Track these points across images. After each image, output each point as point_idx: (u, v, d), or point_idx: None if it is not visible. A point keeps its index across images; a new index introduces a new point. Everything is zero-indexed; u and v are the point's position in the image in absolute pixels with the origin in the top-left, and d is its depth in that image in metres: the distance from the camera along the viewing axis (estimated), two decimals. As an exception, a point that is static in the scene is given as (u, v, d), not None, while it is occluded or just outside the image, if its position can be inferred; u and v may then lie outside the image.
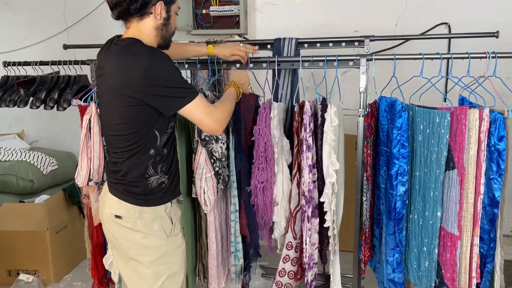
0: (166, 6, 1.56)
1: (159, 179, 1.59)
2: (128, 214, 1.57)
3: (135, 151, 1.54)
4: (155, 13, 1.53)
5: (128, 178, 1.57)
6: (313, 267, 1.88)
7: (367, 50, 2.22)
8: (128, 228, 1.58)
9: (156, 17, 1.54)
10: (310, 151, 1.80)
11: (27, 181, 3.13)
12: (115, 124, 1.54)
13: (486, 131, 1.57)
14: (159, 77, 1.44)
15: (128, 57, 1.47)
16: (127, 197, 1.58)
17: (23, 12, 3.84)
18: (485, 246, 1.66)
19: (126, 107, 1.48)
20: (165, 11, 1.56)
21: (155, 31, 1.57)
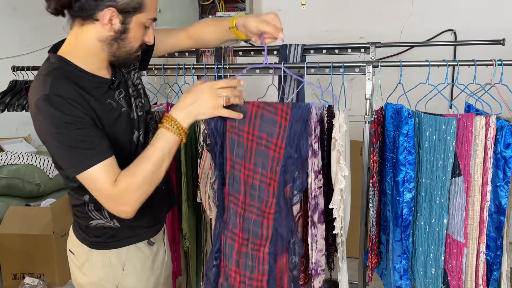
0: (122, 16, 1.15)
1: (104, 224, 1.27)
2: (78, 251, 1.33)
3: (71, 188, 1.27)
4: (102, 21, 1.14)
5: (74, 211, 1.32)
6: (320, 274, 1.87)
7: (373, 57, 2.23)
8: (78, 267, 1.34)
9: (104, 27, 1.15)
10: (316, 157, 1.80)
11: (33, 184, 3.15)
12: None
13: (493, 138, 1.57)
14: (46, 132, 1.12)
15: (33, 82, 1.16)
16: (77, 232, 1.33)
17: (30, 16, 3.88)
18: (491, 253, 1.65)
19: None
20: (118, 21, 1.15)
21: (100, 43, 1.18)
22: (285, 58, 2.29)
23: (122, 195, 1.12)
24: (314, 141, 1.80)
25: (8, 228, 2.80)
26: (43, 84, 1.11)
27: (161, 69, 2.06)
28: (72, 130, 1.09)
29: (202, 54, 2.47)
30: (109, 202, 1.14)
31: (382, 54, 3.04)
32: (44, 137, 1.13)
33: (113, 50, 1.20)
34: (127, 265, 1.32)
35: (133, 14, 1.16)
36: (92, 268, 1.31)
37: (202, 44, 1.58)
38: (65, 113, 1.08)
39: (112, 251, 1.30)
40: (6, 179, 3.18)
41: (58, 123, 1.08)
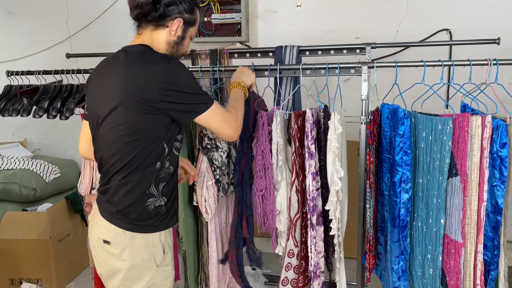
0: (184, 26, 1.52)
1: (156, 201, 1.47)
2: (117, 239, 1.45)
3: (137, 166, 1.43)
4: (171, 27, 1.49)
5: (122, 199, 1.45)
6: (319, 276, 1.87)
7: (368, 58, 2.23)
8: (115, 255, 1.46)
9: (171, 33, 1.50)
10: (313, 159, 1.80)
11: (30, 189, 3.14)
12: (120, 136, 1.42)
13: (489, 138, 1.57)
14: (177, 83, 1.40)
15: (143, 63, 1.42)
16: (118, 221, 1.45)
17: (26, 21, 3.86)
18: (489, 253, 1.65)
19: (137, 115, 1.39)
20: (181, 30, 1.52)
21: (166, 45, 1.52)
22: (280, 60, 2.28)
23: (237, 123, 1.55)
24: (310, 142, 1.80)
25: (4, 233, 2.79)
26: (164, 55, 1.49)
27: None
28: (189, 74, 1.46)
29: (197, 57, 2.47)
30: (231, 128, 1.52)
31: (377, 55, 3.04)
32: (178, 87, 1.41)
33: (172, 51, 1.54)
34: (166, 245, 1.53)
35: (190, 26, 1.54)
36: (135, 251, 1.46)
37: None
38: (179, 64, 1.47)
39: (155, 234, 1.49)
40: (3, 184, 3.16)
41: (180, 69, 1.44)
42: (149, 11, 1.46)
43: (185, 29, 1.53)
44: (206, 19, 3.43)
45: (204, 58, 2.45)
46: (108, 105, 1.43)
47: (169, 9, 1.47)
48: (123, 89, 1.40)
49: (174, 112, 1.42)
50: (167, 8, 1.47)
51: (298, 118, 1.85)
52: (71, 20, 3.72)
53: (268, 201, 1.93)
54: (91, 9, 3.66)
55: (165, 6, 1.46)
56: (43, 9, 3.81)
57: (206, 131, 1.86)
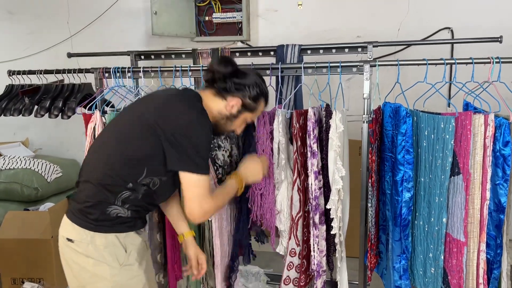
0: (242, 108, 1.57)
1: (119, 211, 1.47)
2: (79, 237, 1.47)
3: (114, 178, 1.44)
4: (228, 102, 1.55)
5: (85, 199, 1.47)
6: (322, 275, 1.87)
7: (370, 56, 2.23)
8: (79, 252, 1.47)
9: (226, 107, 1.56)
10: (315, 158, 1.80)
11: (32, 188, 3.14)
12: (116, 145, 1.47)
13: (491, 136, 1.57)
14: (192, 134, 1.41)
15: (183, 101, 1.48)
16: (79, 220, 1.47)
17: (26, 20, 3.87)
18: (491, 252, 1.65)
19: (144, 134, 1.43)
20: (237, 110, 1.57)
21: (217, 113, 1.56)
22: (282, 59, 2.28)
23: (208, 210, 1.46)
24: (312, 141, 1.79)
25: (6, 233, 2.79)
26: (205, 111, 1.49)
27: (158, 71, 2.06)
28: (208, 139, 1.47)
29: (199, 56, 2.47)
30: (199, 207, 1.44)
31: (379, 53, 3.04)
32: (198, 139, 1.42)
33: (219, 123, 1.59)
34: (128, 246, 1.50)
35: (247, 111, 1.59)
36: (97, 250, 1.46)
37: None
38: (208, 127, 1.46)
39: (113, 234, 1.47)
40: (4, 184, 3.16)
41: (204, 129, 1.44)
42: (219, 80, 1.54)
43: (241, 111, 1.58)
44: (208, 18, 3.44)
45: (206, 57, 2.45)
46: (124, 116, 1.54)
47: (235, 87, 1.55)
48: (149, 109, 1.47)
49: (169, 152, 1.42)
50: (234, 86, 1.54)
51: (299, 117, 1.84)
52: (72, 19, 3.73)
53: (266, 200, 1.93)
54: (92, 9, 3.66)
55: (234, 83, 1.54)
56: (44, 8, 3.81)
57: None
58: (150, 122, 1.42)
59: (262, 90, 1.61)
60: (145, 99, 1.60)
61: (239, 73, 1.56)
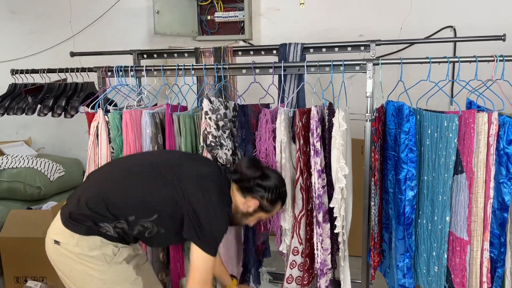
0: (258, 208, 1.65)
1: (108, 231, 1.53)
2: (66, 240, 1.52)
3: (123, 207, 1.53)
4: (246, 202, 1.64)
5: (82, 209, 1.52)
6: (326, 273, 1.87)
7: (373, 55, 2.22)
8: (66, 255, 1.53)
9: (244, 205, 1.64)
10: (318, 156, 1.79)
11: (35, 187, 3.15)
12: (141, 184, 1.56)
13: (495, 134, 1.56)
14: (213, 218, 1.51)
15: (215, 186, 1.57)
16: (70, 224, 1.53)
17: (29, 20, 3.87)
18: (495, 250, 1.64)
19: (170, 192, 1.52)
20: (253, 209, 1.65)
21: (235, 207, 1.64)
22: (284, 57, 2.28)
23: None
24: (316, 140, 1.79)
25: (10, 232, 2.79)
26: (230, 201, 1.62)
27: (160, 70, 2.06)
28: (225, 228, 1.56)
29: (201, 55, 2.46)
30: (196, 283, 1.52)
31: (381, 52, 3.02)
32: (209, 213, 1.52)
33: (236, 216, 1.66)
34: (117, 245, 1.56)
35: (262, 211, 1.67)
36: (82, 250, 1.51)
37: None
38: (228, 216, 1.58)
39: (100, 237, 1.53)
40: (7, 183, 3.17)
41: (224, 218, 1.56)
42: (244, 180, 1.63)
43: (257, 211, 1.67)
44: (210, 17, 3.43)
45: (208, 56, 2.45)
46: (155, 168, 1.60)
47: (256, 189, 1.63)
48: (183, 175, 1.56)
49: (188, 222, 1.52)
50: (256, 187, 1.63)
51: (302, 116, 1.84)
52: (74, 19, 3.73)
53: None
54: (94, 8, 3.66)
55: (256, 185, 1.63)
56: (46, 8, 3.81)
57: (210, 129, 1.86)
58: (180, 188, 1.52)
59: (281, 194, 1.69)
60: (186, 161, 1.65)
61: (263, 175, 1.64)
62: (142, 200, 1.53)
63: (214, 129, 1.86)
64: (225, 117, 1.91)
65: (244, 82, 2.52)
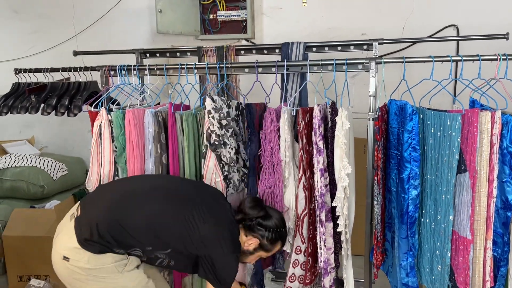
0: (258, 247, 1.70)
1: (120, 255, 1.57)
2: (77, 257, 1.53)
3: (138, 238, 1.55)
4: (247, 240, 1.68)
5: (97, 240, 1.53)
6: (330, 272, 1.87)
7: (375, 53, 2.22)
8: (76, 271, 1.54)
9: (244, 243, 1.68)
10: (321, 155, 1.80)
11: (38, 186, 3.16)
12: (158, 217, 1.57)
13: (498, 133, 1.56)
14: (225, 265, 1.57)
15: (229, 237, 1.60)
16: (82, 243, 1.53)
17: (32, 19, 3.88)
18: (498, 249, 1.64)
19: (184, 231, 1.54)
20: (253, 248, 1.70)
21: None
22: (287, 56, 2.28)
23: None
24: (318, 139, 1.79)
25: (13, 230, 2.80)
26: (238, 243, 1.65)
27: (163, 69, 2.06)
28: (235, 273, 1.60)
29: (204, 54, 2.47)
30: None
31: (384, 51, 3.02)
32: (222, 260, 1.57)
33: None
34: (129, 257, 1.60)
35: (262, 250, 1.72)
36: (94, 264, 1.52)
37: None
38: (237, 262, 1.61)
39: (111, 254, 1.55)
40: (11, 182, 3.18)
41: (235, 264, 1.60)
42: (245, 219, 1.68)
43: (257, 249, 1.71)
44: (212, 16, 3.43)
45: (211, 55, 2.45)
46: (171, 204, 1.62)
47: (257, 228, 1.67)
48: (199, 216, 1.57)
49: (203, 265, 1.57)
50: (256, 227, 1.67)
51: (305, 115, 1.84)
52: (77, 18, 3.73)
53: (277, 198, 1.93)
54: (97, 7, 3.67)
55: (257, 224, 1.67)
56: (49, 7, 3.82)
57: (213, 128, 1.86)
58: (197, 231, 1.54)
59: (281, 234, 1.72)
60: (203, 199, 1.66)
61: (265, 215, 1.69)
62: (157, 234, 1.55)
63: (218, 128, 1.86)
64: (228, 116, 1.91)
65: (247, 81, 2.52)
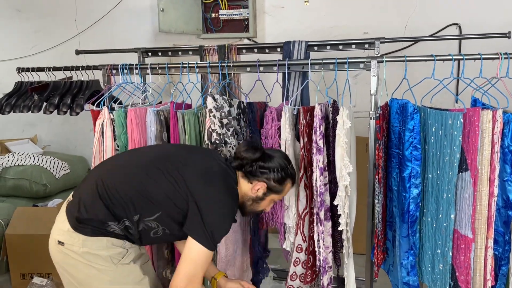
0: (267, 190, 1.60)
1: (115, 229, 1.49)
2: (71, 241, 1.47)
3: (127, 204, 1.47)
4: (254, 186, 1.59)
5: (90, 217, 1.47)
6: (328, 271, 1.87)
7: (377, 52, 2.22)
8: (71, 256, 1.49)
9: (252, 190, 1.60)
10: (320, 154, 1.80)
11: (40, 185, 3.17)
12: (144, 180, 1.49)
13: (500, 132, 1.56)
14: (217, 213, 1.47)
15: (222, 181, 1.52)
16: (75, 224, 1.47)
17: (34, 18, 3.89)
18: (499, 248, 1.64)
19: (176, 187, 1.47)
20: (262, 192, 1.60)
21: (244, 195, 1.61)
22: (289, 55, 2.28)
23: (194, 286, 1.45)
24: (318, 138, 1.79)
25: (16, 229, 2.82)
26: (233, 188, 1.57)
27: (165, 68, 2.06)
28: (229, 224, 1.51)
29: (205, 53, 2.47)
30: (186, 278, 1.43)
31: (386, 50, 3.02)
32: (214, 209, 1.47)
33: (244, 203, 1.63)
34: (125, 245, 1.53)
35: (273, 193, 1.62)
36: (88, 252, 1.47)
37: None
38: (234, 213, 1.54)
39: (106, 238, 1.49)
40: (13, 180, 3.20)
41: (230, 214, 1.52)
42: (246, 164, 1.58)
43: (267, 193, 1.62)
44: (214, 15, 3.44)
45: (212, 54, 2.45)
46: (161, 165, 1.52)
47: (260, 171, 1.58)
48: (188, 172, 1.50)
49: (191, 216, 1.46)
50: (259, 170, 1.58)
51: (306, 114, 1.84)
52: (79, 17, 3.74)
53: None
54: (99, 6, 3.68)
55: (259, 167, 1.58)
56: (51, 6, 3.83)
57: (214, 126, 1.86)
58: (184, 184, 1.47)
59: (288, 172, 1.63)
60: (190, 154, 1.59)
61: (265, 156, 1.60)
62: (143, 195, 1.48)
63: (219, 126, 1.86)
64: (229, 115, 1.91)
65: (248, 80, 2.53)
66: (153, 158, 1.57)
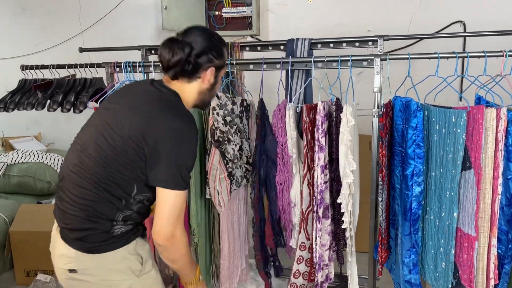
0: (216, 72, 1.51)
1: (122, 228, 1.40)
2: (83, 265, 1.38)
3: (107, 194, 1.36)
4: (204, 78, 1.48)
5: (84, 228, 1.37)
6: (323, 268, 1.87)
7: (381, 50, 2.21)
8: (87, 281, 1.39)
9: (204, 82, 1.49)
10: (322, 152, 1.80)
11: (44, 182, 3.19)
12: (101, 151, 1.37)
13: (504, 130, 1.55)
14: (175, 149, 1.34)
15: (165, 111, 1.40)
16: (80, 246, 1.38)
17: (38, 16, 3.91)
18: (503, 247, 1.63)
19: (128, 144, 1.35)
20: (213, 77, 1.50)
21: (197, 94, 1.50)
22: (292, 53, 2.28)
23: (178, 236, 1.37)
24: (321, 136, 1.79)
25: (20, 226, 2.83)
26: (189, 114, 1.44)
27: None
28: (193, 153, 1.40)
29: (209, 50, 2.47)
30: (169, 224, 1.34)
31: (390, 47, 3.01)
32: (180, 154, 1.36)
33: (204, 98, 1.53)
34: (142, 253, 1.46)
35: (220, 69, 1.54)
36: (106, 271, 1.40)
37: None
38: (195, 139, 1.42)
39: (121, 249, 1.41)
40: (18, 177, 3.22)
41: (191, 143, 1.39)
42: (183, 66, 1.44)
43: (217, 75, 1.52)
44: (217, 13, 3.43)
45: (216, 52, 2.44)
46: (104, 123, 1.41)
47: (200, 60, 1.45)
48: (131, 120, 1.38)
49: (149, 165, 1.35)
50: (198, 59, 1.44)
51: (309, 111, 1.84)
52: (83, 15, 3.75)
53: (286, 194, 1.94)
54: (102, 4, 3.69)
55: (195, 57, 1.44)
56: (56, 4, 3.84)
57: (218, 124, 1.87)
58: (137, 136, 1.35)
59: (218, 42, 1.49)
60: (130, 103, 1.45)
61: (192, 46, 1.43)
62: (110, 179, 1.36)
63: (222, 124, 1.86)
64: (232, 113, 1.92)
65: (252, 78, 2.52)
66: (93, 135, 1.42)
